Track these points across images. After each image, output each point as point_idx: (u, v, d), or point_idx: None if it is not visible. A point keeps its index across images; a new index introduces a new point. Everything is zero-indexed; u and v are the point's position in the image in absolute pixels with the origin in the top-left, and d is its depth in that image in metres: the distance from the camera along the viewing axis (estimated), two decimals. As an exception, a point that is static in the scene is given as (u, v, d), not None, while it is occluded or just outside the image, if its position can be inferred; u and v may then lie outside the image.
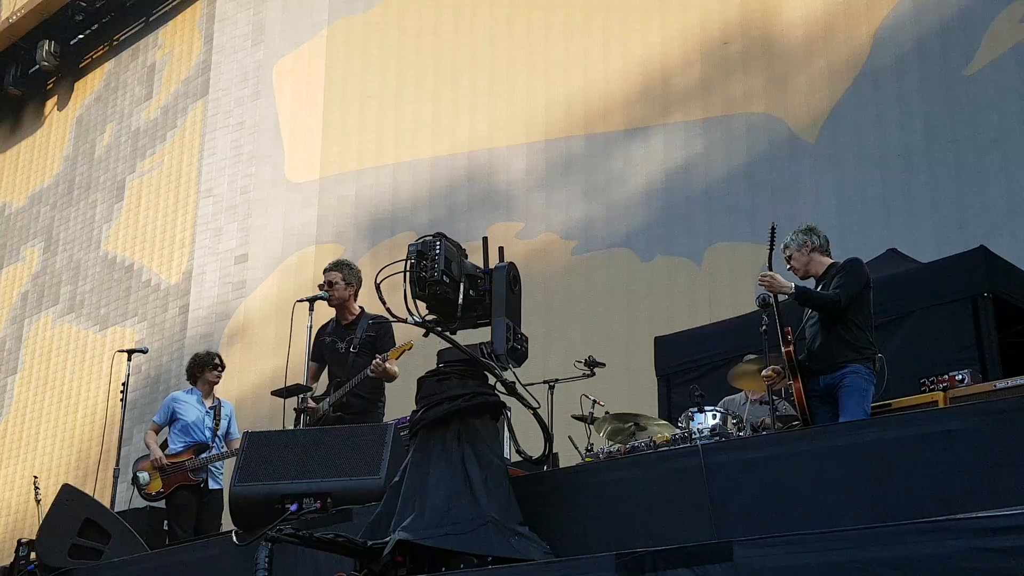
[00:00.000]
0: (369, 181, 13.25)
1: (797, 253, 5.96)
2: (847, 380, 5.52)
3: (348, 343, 6.73)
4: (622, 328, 10.82)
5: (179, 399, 8.07)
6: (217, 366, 8.11)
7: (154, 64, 16.39)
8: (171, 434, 7.97)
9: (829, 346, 5.63)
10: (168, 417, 7.99)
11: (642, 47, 11.76)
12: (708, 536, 3.70)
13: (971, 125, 9.55)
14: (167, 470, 7.72)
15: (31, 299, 16.93)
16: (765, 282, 5.68)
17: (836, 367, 5.56)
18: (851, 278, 5.70)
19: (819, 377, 5.63)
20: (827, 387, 5.60)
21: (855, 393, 5.49)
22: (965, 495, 3.42)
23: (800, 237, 6.00)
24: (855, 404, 5.44)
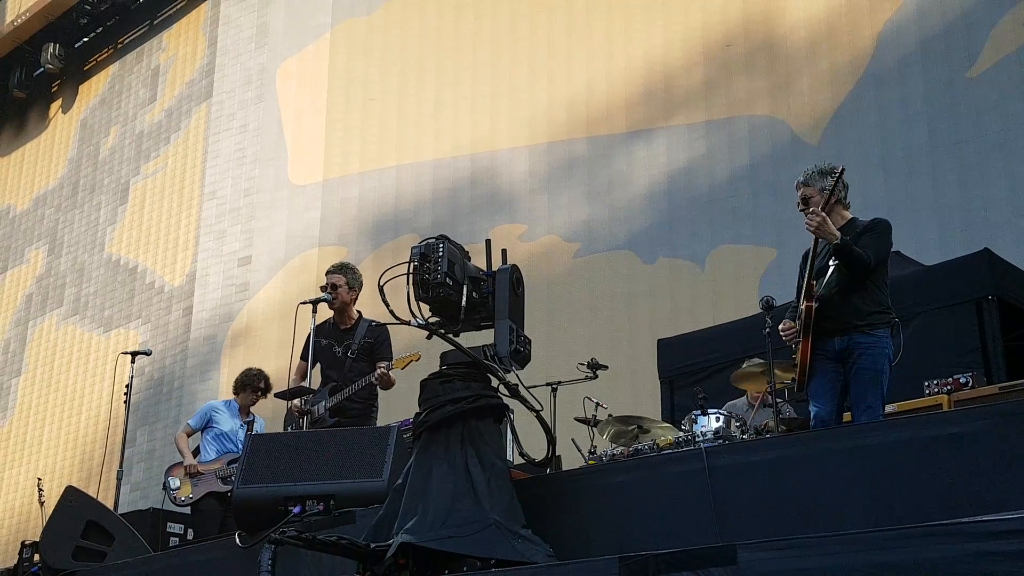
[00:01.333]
0: (372, 183, 13.26)
1: (819, 198, 5.31)
2: (864, 360, 5.07)
3: (346, 348, 6.72)
4: (625, 330, 10.81)
5: (218, 408, 8.22)
6: (259, 390, 8.16)
7: (158, 67, 16.42)
8: (204, 441, 8.08)
9: (847, 306, 5.15)
10: (203, 423, 8.11)
11: (644, 49, 11.76)
12: (711, 539, 3.70)
13: (975, 127, 9.54)
14: (198, 476, 7.80)
15: (35, 301, 16.95)
16: (815, 221, 5.10)
17: (854, 329, 5.12)
18: (882, 241, 5.26)
19: (833, 339, 5.16)
20: (841, 351, 5.14)
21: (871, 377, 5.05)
22: (970, 498, 3.41)
23: (827, 182, 5.35)
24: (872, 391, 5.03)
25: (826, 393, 5.16)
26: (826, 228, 5.09)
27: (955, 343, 6.93)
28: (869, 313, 5.15)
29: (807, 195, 5.34)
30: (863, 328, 5.12)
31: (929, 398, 6.11)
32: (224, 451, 7.95)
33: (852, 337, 5.11)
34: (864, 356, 5.08)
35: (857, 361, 5.09)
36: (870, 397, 5.02)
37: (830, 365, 5.16)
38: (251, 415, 8.22)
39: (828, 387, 5.15)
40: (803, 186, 5.39)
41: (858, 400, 5.06)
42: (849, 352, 5.12)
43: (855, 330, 5.12)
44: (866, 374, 5.06)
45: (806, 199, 5.34)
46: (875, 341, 5.11)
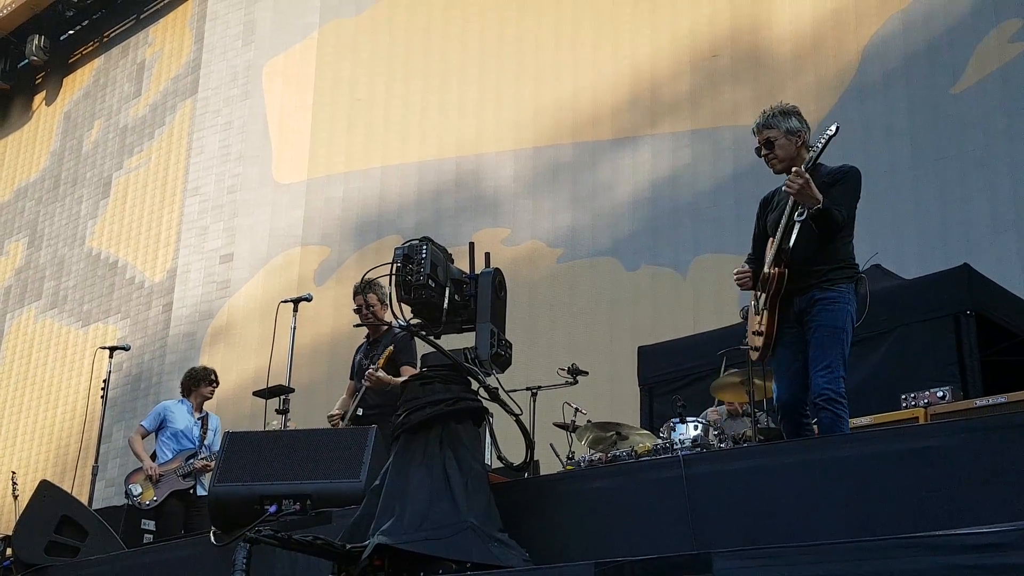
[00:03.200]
0: (356, 183, 13.24)
1: (785, 140, 4.86)
2: (823, 315, 4.67)
3: (372, 360, 6.65)
4: (606, 337, 10.83)
5: (170, 408, 8.17)
6: (212, 382, 8.20)
7: (144, 61, 16.35)
8: (159, 442, 8.04)
9: (815, 262, 4.72)
10: (157, 424, 8.07)
11: (632, 57, 11.80)
12: (687, 547, 3.71)
13: (957, 143, 9.61)
14: (158, 479, 7.77)
15: (14, 294, 16.85)
16: (797, 183, 4.59)
17: (813, 286, 4.71)
18: (854, 193, 4.80)
19: (792, 300, 4.76)
20: (800, 312, 4.75)
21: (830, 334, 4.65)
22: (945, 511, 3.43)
23: (793, 123, 4.88)
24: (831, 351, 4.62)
25: (788, 369, 4.80)
26: (809, 191, 4.60)
27: (933, 357, 6.97)
28: (831, 269, 4.74)
29: (772, 138, 4.87)
30: (821, 285, 4.71)
31: (906, 411, 6.14)
32: (180, 450, 7.93)
33: (811, 295, 4.71)
34: (823, 312, 4.68)
35: (816, 317, 4.69)
36: (829, 356, 4.63)
37: (790, 332, 4.78)
38: (205, 412, 8.18)
39: (792, 360, 4.78)
40: (764, 128, 4.89)
41: (817, 360, 4.64)
42: (805, 311, 4.73)
43: (813, 287, 4.71)
44: (825, 331, 4.66)
45: (770, 142, 4.87)
46: (836, 296, 4.69)
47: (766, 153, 4.91)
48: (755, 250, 5.06)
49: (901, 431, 4.53)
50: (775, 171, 4.96)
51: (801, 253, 4.73)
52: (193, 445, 7.95)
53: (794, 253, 4.73)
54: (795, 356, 4.77)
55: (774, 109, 4.95)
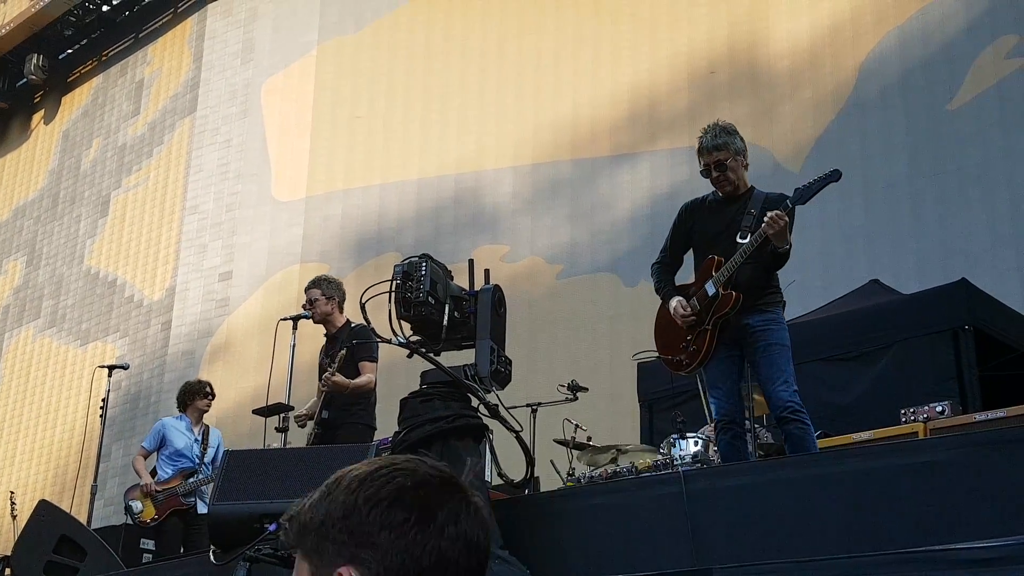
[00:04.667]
0: (355, 201, 13.26)
1: (734, 162, 4.98)
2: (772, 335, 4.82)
3: (331, 358, 6.69)
4: (606, 353, 10.83)
5: (168, 425, 8.10)
6: (208, 394, 8.14)
7: (142, 80, 16.39)
8: (159, 460, 8.00)
9: (754, 286, 4.87)
10: (157, 443, 8.02)
11: (630, 74, 11.84)
12: (688, 563, 3.70)
13: (954, 158, 9.64)
14: (158, 497, 7.73)
15: (12, 313, 16.84)
16: (779, 225, 4.65)
17: (751, 309, 4.85)
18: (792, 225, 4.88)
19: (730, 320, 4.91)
20: (739, 329, 4.88)
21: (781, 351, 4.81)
22: (944, 526, 3.43)
23: (739, 143, 5.00)
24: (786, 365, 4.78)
25: (726, 381, 4.94)
26: (784, 232, 4.71)
27: (932, 372, 6.98)
28: (766, 292, 4.93)
29: (722, 159, 4.96)
30: (760, 307, 4.88)
31: (905, 426, 6.14)
32: (180, 468, 7.90)
33: (751, 318, 4.85)
34: (768, 332, 4.84)
35: (764, 338, 4.83)
36: (786, 371, 4.78)
37: (724, 350, 4.92)
38: (204, 426, 8.14)
39: (727, 374, 4.94)
40: (715, 151, 4.97)
41: (773, 376, 4.78)
42: (748, 331, 4.86)
43: (753, 310, 4.86)
44: (775, 349, 4.81)
45: (722, 164, 4.96)
46: (774, 317, 4.90)
47: (717, 175, 5.00)
48: (672, 253, 5.24)
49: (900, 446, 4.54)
50: (724, 192, 5.08)
51: (746, 278, 4.89)
52: (192, 464, 7.92)
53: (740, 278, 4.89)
54: (729, 371, 4.97)
55: (717, 128, 5.05)
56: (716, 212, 5.06)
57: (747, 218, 4.96)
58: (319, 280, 6.93)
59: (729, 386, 4.96)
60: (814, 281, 9.37)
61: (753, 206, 4.95)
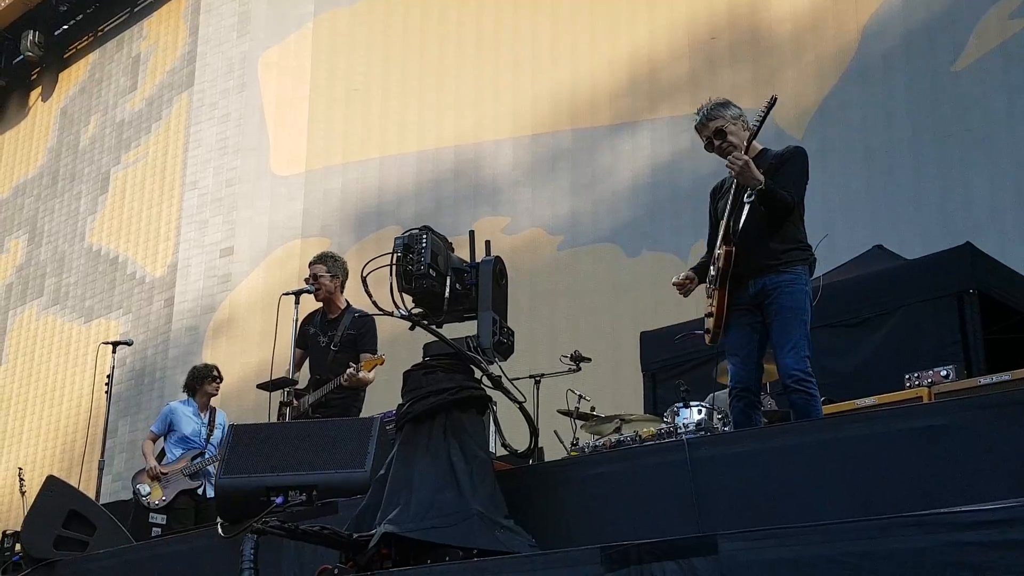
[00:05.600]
0: (355, 175, 13.22)
1: (733, 127, 4.91)
2: (783, 298, 4.70)
3: (330, 339, 6.70)
4: (608, 323, 10.83)
5: (176, 410, 8.18)
6: (216, 378, 8.21)
7: (139, 55, 16.32)
8: (168, 445, 8.10)
9: (761, 247, 4.76)
10: (165, 427, 8.11)
11: (629, 41, 11.77)
12: (693, 530, 3.71)
13: (958, 121, 9.59)
14: (164, 479, 7.80)
15: (15, 291, 16.86)
16: (737, 165, 4.68)
17: (768, 269, 4.75)
18: (801, 173, 4.85)
19: (747, 284, 4.79)
20: (756, 294, 4.77)
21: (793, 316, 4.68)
22: (949, 490, 3.43)
23: (733, 109, 4.95)
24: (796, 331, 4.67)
25: (744, 348, 4.83)
26: (749, 172, 4.67)
27: (936, 336, 6.98)
28: (784, 251, 4.77)
29: (721, 127, 4.90)
30: (777, 267, 4.74)
31: (910, 391, 6.14)
32: (187, 451, 7.96)
33: (767, 278, 4.74)
34: (783, 295, 4.71)
35: (777, 300, 4.72)
36: (794, 337, 4.68)
37: (746, 316, 4.81)
38: (212, 409, 8.20)
39: (746, 341, 4.83)
40: (709, 121, 4.92)
41: (782, 342, 4.70)
42: (765, 295, 4.75)
43: (769, 271, 4.74)
44: (787, 313, 4.70)
45: (721, 131, 4.89)
46: (793, 279, 4.74)
47: (719, 143, 4.92)
48: (710, 239, 5.10)
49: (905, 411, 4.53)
50: None
51: (752, 234, 4.78)
52: (200, 446, 7.98)
53: (745, 235, 4.79)
54: (749, 338, 4.83)
55: (709, 103, 4.99)
56: (732, 181, 4.97)
57: None
58: (325, 256, 6.91)
59: (746, 353, 4.84)
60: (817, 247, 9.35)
61: (761, 165, 4.86)
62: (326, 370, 6.63)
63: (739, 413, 4.89)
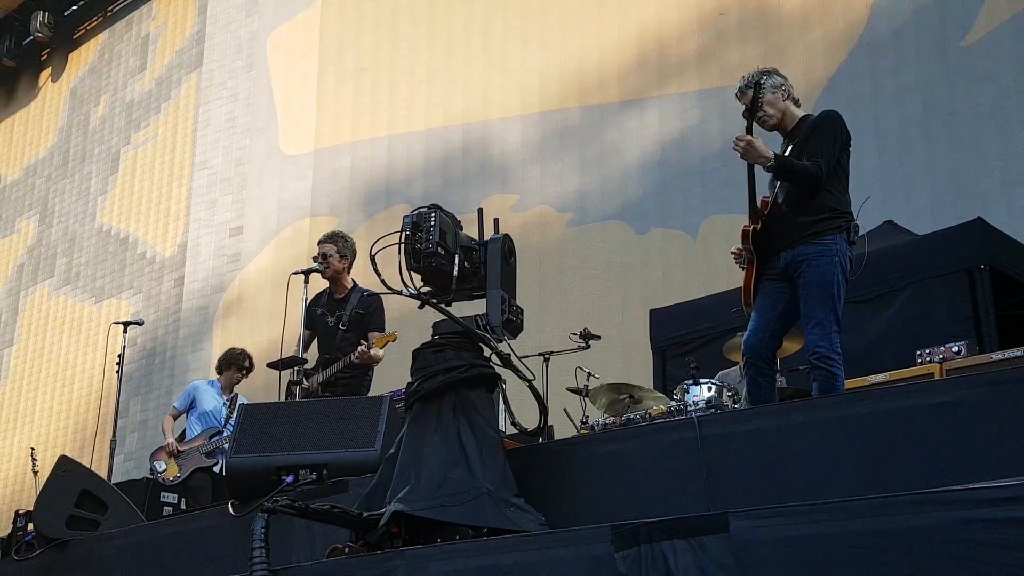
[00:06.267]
0: (364, 153, 13.20)
1: (771, 96, 4.88)
2: (808, 271, 4.63)
3: (338, 318, 6.71)
4: (617, 301, 10.82)
5: (200, 388, 8.36)
6: (243, 368, 8.31)
7: (148, 35, 16.29)
8: (188, 422, 8.23)
9: (799, 214, 4.70)
10: (187, 404, 8.25)
11: (638, 17, 11.69)
12: (703, 508, 3.71)
13: (968, 96, 9.52)
14: (181, 455, 7.88)
15: (27, 271, 16.90)
16: (741, 147, 4.69)
17: (798, 240, 4.69)
18: (831, 140, 4.75)
19: (779, 256, 4.75)
20: (786, 266, 4.73)
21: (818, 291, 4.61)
22: (961, 467, 3.42)
23: (775, 79, 4.91)
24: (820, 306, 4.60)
25: (763, 315, 4.79)
26: (754, 151, 4.67)
27: (947, 312, 6.95)
28: (814, 221, 4.70)
29: (754, 100, 4.89)
30: (807, 238, 4.68)
31: (921, 367, 6.12)
32: (206, 429, 8.03)
33: (796, 250, 4.70)
34: (808, 268, 4.66)
35: (803, 274, 4.66)
36: (819, 312, 4.61)
37: (775, 284, 4.78)
38: (234, 393, 8.27)
39: (769, 305, 4.79)
40: (748, 89, 4.90)
41: (807, 317, 4.65)
42: (794, 267, 4.70)
43: (799, 242, 4.69)
44: (811, 288, 4.64)
45: (755, 105, 4.87)
46: (821, 250, 4.66)
47: (758, 117, 4.91)
48: None
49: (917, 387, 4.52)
50: (767, 128, 4.99)
51: (784, 206, 4.76)
52: (218, 425, 8.05)
53: (776, 207, 4.77)
54: (773, 306, 4.79)
55: (751, 71, 4.98)
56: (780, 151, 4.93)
57: (794, 149, 4.84)
58: (335, 236, 6.91)
59: (763, 320, 4.79)
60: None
61: (798, 134, 4.83)
62: (334, 350, 6.64)
63: (749, 381, 4.90)
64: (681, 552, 2.92)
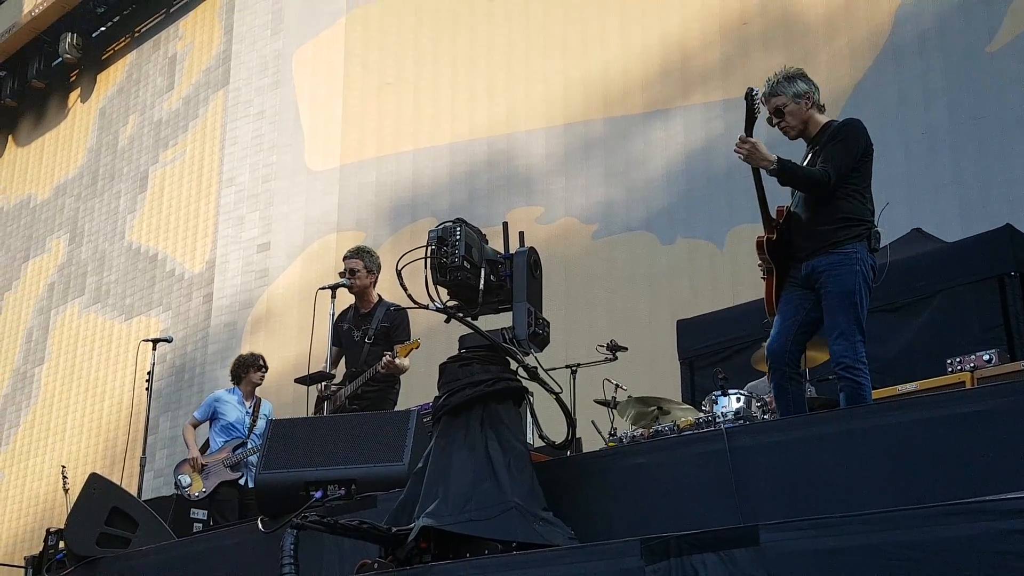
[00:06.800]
0: (389, 168, 13.25)
1: (794, 106, 4.78)
2: (829, 282, 4.56)
3: (364, 332, 6.73)
4: (644, 312, 10.79)
5: (221, 398, 8.21)
6: (261, 367, 8.22)
7: (175, 55, 16.44)
8: (212, 433, 8.12)
9: (816, 223, 4.63)
10: (209, 414, 8.13)
11: (661, 28, 11.69)
12: (733, 520, 3.68)
13: (995, 102, 9.45)
14: (206, 469, 7.83)
15: (57, 290, 17.06)
16: (744, 150, 4.62)
17: (818, 250, 4.61)
18: (845, 149, 4.65)
19: (800, 264, 4.69)
20: (807, 275, 4.66)
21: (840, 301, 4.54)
22: (993, 476, 3.38)
23: (800, 86, 4.78)
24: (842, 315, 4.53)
25: (787, 315, 4.72)
26: (757, 155, 4.60)
27: (978, 320, 6.89)
28: (832, 230, 4.61)
29: (780, 105, 4.78)
30: (826, 248, 4.60)
31: (952, 376, 6.06)
32: (230, 440, 7.98)
33: (815, 260, 4.62)
34: (829, 278, 4.58)
35: (824, 284, 4.59)
36: (841, 323, 4.54)
37: (797, 291, 4.71)
38: (256, 399, 8.22)
39: (791, 311, 4.71)
40: (771, 97, 4.80)
41: (830, 328, 4.59)
42: (815, 277, 4.63)
43: (818, 252, 4.61)
44: (832, 298, 4.56)
45: (779, 110, 4.78)
46: (841, 259, 4.57)
47: (777, 121, 4.85)
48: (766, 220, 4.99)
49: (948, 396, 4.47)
50: (790, 138, 4.92)
51: (801, 215, 4.70)
52: (243, 435, 8.00)
53: (790, 216, 4.72)
54: (795, 311, 4.72)
55: (778, 75, 4.86)
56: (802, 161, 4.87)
57: (814, 156, 4.78)
58: (362, 251, 6.94)
59: (785, 325, 4.72)
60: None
61: (819, 141, 4.77)
62: (361, 363, 6.66)
63: (776, 388, 4.82)
64: (711, 565, 2.90)
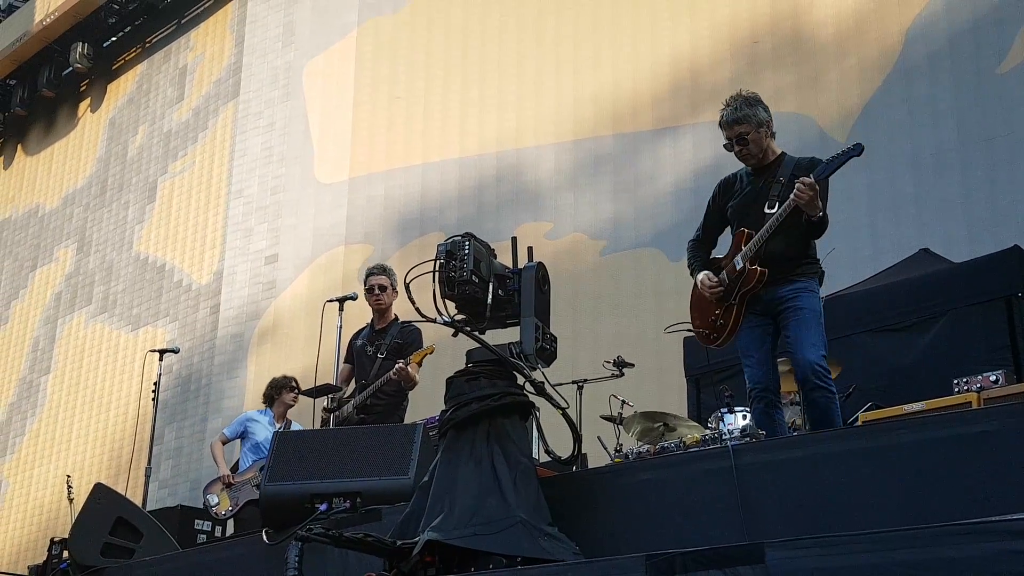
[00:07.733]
0: (398, 181, 13.28)
1: (755, 135, 4.93)
2: (801, 300, 4.75)
3: (377, 347, 6.73)
4: (651, 328, 10.77)
5: (253, 418, 8.24)
6: (294, 388, 8.22)
7: (186, 66, 16.52)
8: (242, 452, 8.14)
9: (781, 257, 4.81)
10: (239, 433, 8.16)
11: (671, 45, 11.73)
12: (739, 538, 3.68)
13: (1004, 123, 9.45)
14: (235, 487, 7.84)
15: (64, 299, 17.10)
16: (809, 195, 4.59)
17: (785, 280, 4.81)
18: (826, 192, 4.80)
19: (760, 292, 4.88)
20: (769, 302, 4.85)
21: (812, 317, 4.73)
22: (1000, 496, 3.37)
23: (761, 114, 4.94)
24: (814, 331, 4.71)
25: (759, 350, 4.89)
26: (814, 203, 4.65)
27: (985, 341, 6.86)
28: (802, 263, 4.85)
29: (743, 133, 4.92)
30: (790, 278, 4.81)
31: (958, 396, 6.03)
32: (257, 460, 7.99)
33: (780, 288, 4.81)
34: (799, 298, 4.77)
35: (793, 303, 4.77)
36: (813, 335, 4.72)
37: (757, 319, 4.89)
38: (287, 420, 8.22)
39: (759, 343, 4.89)
40: (735, 124, 4.94)
41: (801, 340, 4.71)
42: (778, 302, 4.82)
43: (783, 282, 4.81)
44: (807, 313, 4.74)
45: (743, 138, 4.92)
46: (807, 284, 4.82)
47: (739, 148, 4.98)
48: (706, 230, 5.28)
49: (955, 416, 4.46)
50: (748, 165, 5.07)
51: (780, 249, 4.84)
52: None
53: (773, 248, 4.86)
54: (762, 340, 4.90)
55: (738, 101, 4.99)
56: (748, 184, 5.06)
57: (775, 187, 4.91)
58: (387, 269, 6.92)
59: (761, 355, 4.90)
60: (863, 251, 9.25)
61: (782, 173, 4.91)
62: (371, 377, 6.66)
63: (760, 415, 4.94)
64: (717, 583, 2.89)
